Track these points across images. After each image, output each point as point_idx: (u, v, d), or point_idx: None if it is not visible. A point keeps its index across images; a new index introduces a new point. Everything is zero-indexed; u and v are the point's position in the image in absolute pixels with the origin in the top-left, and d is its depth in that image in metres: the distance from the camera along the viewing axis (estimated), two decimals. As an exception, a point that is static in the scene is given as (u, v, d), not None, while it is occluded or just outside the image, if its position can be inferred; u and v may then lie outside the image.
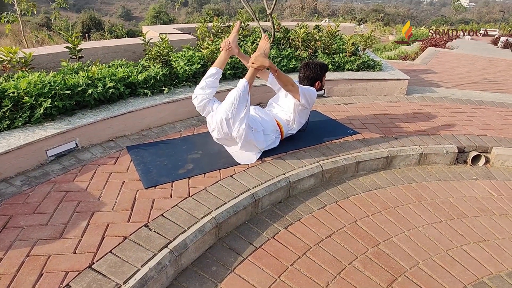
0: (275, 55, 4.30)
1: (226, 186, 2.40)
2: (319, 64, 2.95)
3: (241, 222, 2.31)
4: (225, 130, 2.47)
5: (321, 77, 2.96)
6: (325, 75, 3.02)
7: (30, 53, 3.18)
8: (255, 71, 2.53)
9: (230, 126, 2.46)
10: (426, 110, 3.96)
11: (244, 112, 2.46)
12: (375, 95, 4.32)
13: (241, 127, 2.46)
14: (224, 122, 2.44)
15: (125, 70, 3.29)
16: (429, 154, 3.07)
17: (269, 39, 2.83)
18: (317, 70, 2.92)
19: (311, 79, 2.95)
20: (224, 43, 2.84)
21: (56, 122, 2.73)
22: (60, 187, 2.33)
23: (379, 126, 3.44)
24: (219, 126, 2.47)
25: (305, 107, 2.87)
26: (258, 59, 2.49)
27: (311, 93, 2.84)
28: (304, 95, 2.75)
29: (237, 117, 2.44)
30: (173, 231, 1.98)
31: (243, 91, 2.44)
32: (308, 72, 2.94)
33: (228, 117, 2.43)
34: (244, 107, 2.45)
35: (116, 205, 2.17)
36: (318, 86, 3.00)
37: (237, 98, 2.42)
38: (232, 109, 2.42)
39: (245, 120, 2.46)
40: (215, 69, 2.85)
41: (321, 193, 2.66)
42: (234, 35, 2.89)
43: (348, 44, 4.52)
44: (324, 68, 2.97)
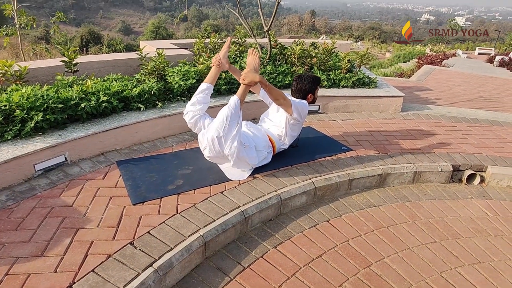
0: (271, 71, 4.32)
1: (216, 203, 2.36)
2: (311, 77, 2.96)
3: (230, 241, 2.25)
4: (216, 148, 2.45)
5: (313, 89, 2.96)
6: (318, 88, 3.02)
7: (25, 66, 3.18)
8: (246, 88, 2.52)
9: (222, 144, 2.43)
10: (421, 127, 3.95)
11: (236, 130, 2.43)
12: (370, 112, 4.32)
13: (233, 145, 2.43)
14: (216, 141, 2.41)
15: (120, 84, 3.29)
16: (423, 172, 3.04)
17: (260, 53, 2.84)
18: (309, 83, 2.92)
19: (303, 92, 2.95)
20: (215, 58, 2.85)
21: (46, 135, 2.70)
22: (46, 202, 2.28)
23: (374, 143, 3.42)
24: (211, 145, 2.44)
25: (297, 121, 2.86)
26: (248, 75, 2.48)
27: (303, 106, 2.83)
28: (297, 109, 2.74)
29: (229, 135, 2.42)
30: (159, 249, 1.92)
31: (234, 109, 2.42)
32: (300, 85, 2.94)
33: (219, 135, 2.40)
34: (236, 125, 2.43)
35: (102, 221, 2.12)
36: (310, 99, 2.99)
37: (229, 115, 2.40)
38: (224, 127, 2.40)
39: (237, 137, 2.43)
40: (206, 84, 2.84)
41: (313, 211, 2.61)
42: (224, 50, 2.90)
43: (344, 61, 4.55)
44: (317, 80, 2.97)
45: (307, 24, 72.10)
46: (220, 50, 2.96)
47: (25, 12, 7.48)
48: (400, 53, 23.21)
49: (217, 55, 2.87)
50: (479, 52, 21.08)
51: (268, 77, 4.21)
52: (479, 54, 20.58)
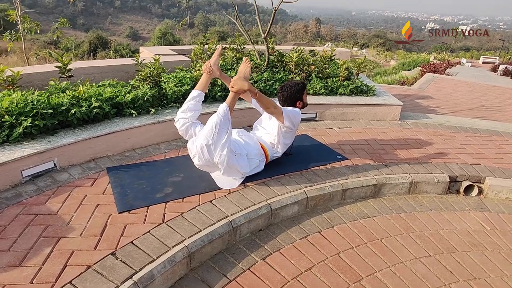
0: (268, 78, 4.29)
1: (204, 212, 2.30)
2: (294, 84, 2.92)
3: (217, 251, 2.19)
4: (206, 156, 2.40)
5: (300, 96, 2.92)
6: (305, 93, 2.98)
7: (18, 72, 3.17)
8: (235, 95, 2.48)
9: (211, 152, 2.39)
10: (418, 136, 3.88)
11: (226, 138, 2.39)
12: (367, 120, 4.26)
13: (222, 153, 2.39)
14: (205, 149, 2.37)
15: (113, 90, 3.27)
16: (419, 182, 2.97)
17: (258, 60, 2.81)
18: (293, 91, 2.88)
19: (290, 100, 2.90)
20: (205, 65, 2.82)
21: (35, 141, 2.67)
22: (31, 209, 2.24)
23: (370, 152, 3.36)
24: (200, 153, 2.40)
25: (290, 129, 2.81)
26: (237, 82, 2.44)
27: (295, 114, 2.79)
28: (288, 117, 2.69)
29: (218, 142, 2.38)
30: (141, 260, 1.87)
31: (223, 116, 2.39)
32: (286, 94, 2.90)
33: (208, 143, 2.36)
34: (225, 132, 2.39)
35: (85, 230, 2.08)
36: (300, 105, 2.95)
37: (218, 123, 2.36)
38: (213, 135, 2.36)
39: (226, 145, 2.39)
40: (196, 92, 2.81)
41: (305, 222, 2.55)
42: (215, 58, 2.88)
43: (342, 69, 4.51)
44: (300, 86, 2.93)
45: (313, 31, 72.36)
46: (211, 57, 2.93)
47: (29, 18, 7.56)
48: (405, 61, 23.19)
49: (207, 62, 2.85)
50: (483, 61, 21.00)
51: (265, 84, 4.17)
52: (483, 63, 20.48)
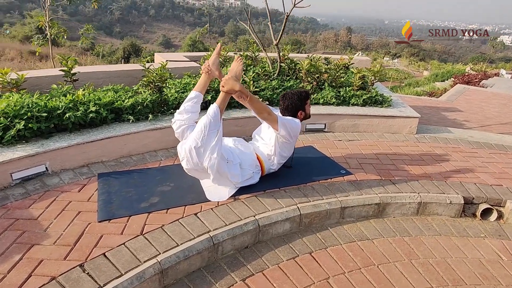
0: (276, 86, 4.14)
1: (186, 226, 2.18)
2: (296, 93, 2.75)
3: (195, 268, 2.06)
4: (195, 160, 2.28)
5: (302, 106, 2.75)
6: (308, 103, 2.80)
7: (22, 75, 3.22)
8: (226, 95, 2.36)
9: (201, 155, 2.27)
10: (435, 152, 3.58)
11: (216, 140, 2.27)
12: (381, 133, 4.00)
13: (212, 156, 2.26)
14: (194, 151, 2.26)
15: (113, 95, 3.25)
16: (429, 203, 2.70)
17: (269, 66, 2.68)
18: (294, 99, 2.71)
19: (291, 110, 2.74)
20: (204, 65, 2.72)
21: (28, 144, 2.67)
22: (13, 213, 2.21)
23: (378, 168, 3.12)
24: (188, 156, 2.29)
25: (287, 140, 2.64)
26: (228, 82, 2.32)
27: (293, 124, 2.62)
28: (284, 126, 2.52)
29: (208, 145, 2.25)
30: (108, 274, 1.77)
31: (213, 117, 2.27)
32: (287, 102, 2.74)
33: (197, 145, 2.24)
34: (215, 134, 2.27)
35: (60, 238, 2.01)
36: (301, 116, 2.78)
37: (207, 124, 2.25)
38: (202, 137, 2.24)
39: (216, 148, 2.26)
40: (194, 93, 2.71)
41: (296, 241, 2.36)
42: (214, 57, 2.77)
43: (355, 78, 4.29)
44: (303, 96, 2.75)
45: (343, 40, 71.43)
46: (210, 57, 2.83)
47: (57, 24, 7.85)
48: (438, 72, 22.22)
49: (206, 62, 2.75)
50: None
51: (272, 92, 4.03)
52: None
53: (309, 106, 2.84)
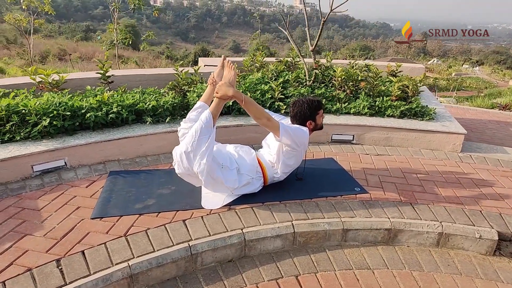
0: (305, 93, 3.96)
1: (170, 232, 2.15)
2: (307, 101, 2.56)
3: (170, 277, 2.01)
4: (185, 164, 2.26)
5: (311, 116, 2.55)
6: (320, 113, 2.60)
7: (63, 76, 3.53)
8: (219, 101, 2.29)
9: (191, 160, 2.24)
10: (479, 175, 3.08)
11: (206, 146, 2.22)
12: (418, 149, 3.57)
13: (202, 161, 2.22)
14: (184, 156, 2.24)
15: (137, 97, 3.39)
16: (453, 235, 2.31)
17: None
18: (304, 108, 2.53)
19: (299, 118, 2.57)
20: (210, 77, 2.70)
21: (52, 140, 2.89)
22: (22, 203, 2.40)
23: (401, 188, 2.78)
24: (179, 160, 2.28)
25: (293, 149, 2.48)
26: (221, 88, 2.25)
27: (298, 132, 2.45)
28: (287, 133, 2.37)
29: (198, 150, 2.22)
30: (77, 273, 1.81)
31: (205, 123, 2.23)
32: (296, 110, 2.57)
33: (188, 150, 2.22)
34: (206, 140, 2.23)
35: (51, 231, 2.12)
36: (311, 126, 2.59)
37: (198, 130, 2.22)
38: (193, 142, 2.22)
39: (206, 154, 2.22)
40: (199, 103, 2.71)
41: (285, 260, 2.19)
42: (218, 69, 2.74)
43: (394, 87, 3.90)
44: (314, 105, 2.56)
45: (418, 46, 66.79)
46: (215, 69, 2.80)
47: (124, 30, 8.55)
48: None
49: (212, 74, 2.73)
50: None
51: (299, 100, 3.85)
52: None
53: (321, 116, 2.64)
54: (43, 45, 29.82)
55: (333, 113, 3.85)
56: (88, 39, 43.10)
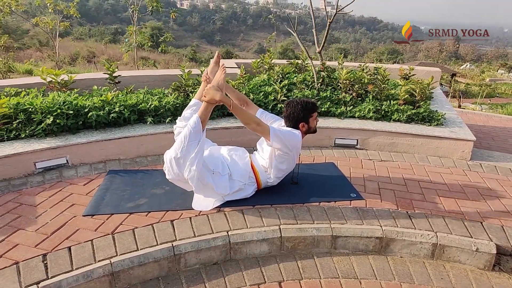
0: (310, 95, 3.90)
1: (156, 231, 2.17)
2: (301, 102, 2.52)
3: (153, 277, 2.03)
4: (175, 170, 2.27)
5: (305, 118, 2.51)
6: (313, 116, 2.55)
7: (71, 76, 3.65)
8: (207, 105, 2.28)
9: (181, 166, 2.24)
10: (486, 185, 2.92)
11: (195, 152, 2.22)
12: (424, 155, 3.44)
13: (192, 167, 2.22)
14: (174, 162, 2.25)
15: (140, 98, 3.45)
16: (447, 247, 2.20)
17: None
18: (297, 110, 2.49)
19: (292, 120, 2.53)
20: (203, 74, 2.71)
21: (55, 138, 2.99)
22: (21, 198, 2.50)
23: (399, 195, 2.68)
24: (169, 166, 2.29)
25: (285, 152, 2.44)
26: (209, 91, 2.24)
27: (289, 136, 2.41)
28: (278, 138, 2.33)
29: (187, 156, 2.22)
30: (60, 268, 1.85)
31: (193, 128, 2.23)
32: (289, 111, 2.54)
33: (177, 156, 2.23)
34: (195, 146, 2.22)
35: (43, 226, 2.19)
36: (303, 128, 2.54)
37: (187, 135, 2.22)
38: (182, 148, 2.22)
39: (196, 160, 2.21)
40: (194, 100, 2.73)
41: (271, 265, 2.16)
42: (212, 66, 2.73)
43: (401, 91, 3.78)
44: (308, 107, 2.51)
45: (449, 50, 64.45)
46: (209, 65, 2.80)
47: (142, 32, 8.75)
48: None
49: (205, 70, 2.74)
50: None
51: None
52: None
53: (315, 119, 2.59)
54: (73, 47, 31.07)
55: (337, 116, 3.78)
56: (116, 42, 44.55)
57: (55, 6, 9.83)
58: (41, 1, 10.03)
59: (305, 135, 2.62)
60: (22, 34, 31.64)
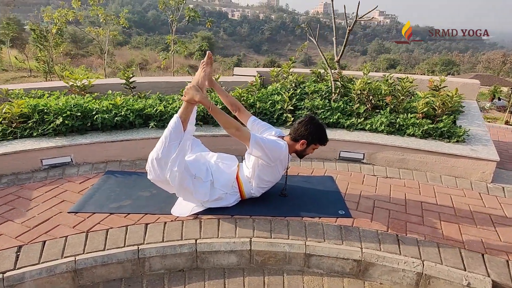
0: (320, 105, 3.76)
1: (128, 233, 2.20)
2: (323, 131, 2.42)
3: (116, 277, 2.05)
4: (157, 171, 2.27)
5: (310, 141, 2.39)
6: (317, 146, 2.45)
7: (90, 81, 3.89)
8: (187, 105, 2.26)
9: (162, 167, 2.24)
10: (504, 212, 2.57)
11: (176, 152, 2.21)
12: (438, 175, 3.13)
13: (173, 169, 2.21)
14: (155, 162, 2.25)
15: (148, 103, 3.57)
16: (434, 278, 1.96)
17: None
18: (311, 133, 2.37)
19: (298, 133, 2.40)
20: None
21: (63, 138, 3.18)
22: (21, 192, 2.68)
23: (394, 216, 2.46)
24: (150, 166, 2.31)
25: (267, 163, 2.35)
26: (188, 91, 2.22)
27: (272, 146, 2.30)
28: (259, 146, 2.23)
29: (168, 157, 2.21)
30: (28, 260, 1.95)
31: (173, 128, 2.23)
32: (298, 126, 2.41)
33: (158, 157, 2.24)
34: (176, 146, 2.22)
35: (30, 220, 2.32)
36: (300, 147, 2.40)
37: (167, 136, 2.22)
38: (162, 148, 2.22)
39: (177, 160, 2.20)
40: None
41: (236, 278, 2.08)
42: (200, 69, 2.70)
43: (419, 104, 3.49)
44: (319, 136, 2.39)
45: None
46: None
47: (180, 41, 9.13)
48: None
49: None
50: None
51: (313, 113, 3.68)
52: None
53: (314, 149, 2.46)
54: (129, 55, 33.36)
55: (346, 128, 3.59)
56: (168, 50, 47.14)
57: (106, 17, 10.63)
58: (94, 12, 10.91)
59: (294, 152, 2.50)
60: (87, 42, 34.69)
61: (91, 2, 10.47)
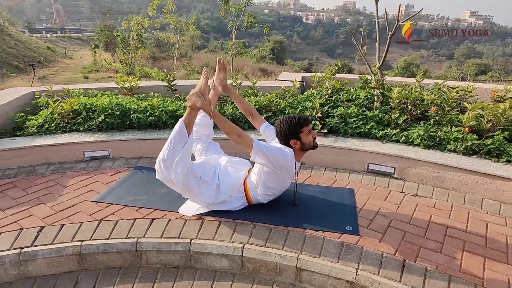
0: (353, 113, 3.56)
1: (134, 225, 2.36)
2: (286, 119, 2.36)
3: (116, 265, 2.21)
4: (163, 172, 2.40)
5: (294, 134, 2.33)
6: (303, 130, 2.35)
7: (137, 83, 4.23)
8: (191, 111, 2.33)
9: (168, 168, 2.36)
10: (549, 249, 2.15)
11: (180, 155, 2.31)
12: (479, 198, 2.74)
13: (177, 171, 2.32)
14: (161, 163, 2.39)
15: (182, 105, 3.76)
16: (434, 314, 1.72)
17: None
18: (283, 126, 2.34)
19: (282, 137, 2.39)
20: (210, 82, 2.76)
21: (105, 133, 3.51)
22: (61, 179, 3.03)
23: (408, 239, 2.23)
24: (157, 167, 2.44)
25: (273, 170, 2.32)
26: (191, 98, 2.28)
27: (277, 153, 2.27)
28: (263, 153, 2.22)
29: (172, 159, 2.32)
30: (44, 240, 2.21)
31: (178, 132, 2.33)
32: (277, 128, 2.41)
33: (164, 158, 2.36)
34: (180, 149, 2.31)
35: (58, 204, 2.61)
36: (297, 145, 2.36)
37: (172, 139, 2.33)
38: (168, 150, 2.34)
39: (181, 163, 2.30)
40: None
41: (224, 282, 2.09)
42: (216, 73, 2.74)
43: (466, 116, 3.10)
44: (294, 123, 2.32)
45: None
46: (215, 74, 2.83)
47: (240, 46, 9.43)
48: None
49: (212, 78, 2.79)
50: None
51: (344, 122, 3.51)
52: None
53: (306, 134, 2.37)
54: (205, 59, 35.35)
55: (378, 139, 3.35)
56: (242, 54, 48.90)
57: (177, 24, 11.43)
58: (167, 20, 11.81)
59: (303, 152, 2.44)
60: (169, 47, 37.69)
61: (164, 10, 11.39)
